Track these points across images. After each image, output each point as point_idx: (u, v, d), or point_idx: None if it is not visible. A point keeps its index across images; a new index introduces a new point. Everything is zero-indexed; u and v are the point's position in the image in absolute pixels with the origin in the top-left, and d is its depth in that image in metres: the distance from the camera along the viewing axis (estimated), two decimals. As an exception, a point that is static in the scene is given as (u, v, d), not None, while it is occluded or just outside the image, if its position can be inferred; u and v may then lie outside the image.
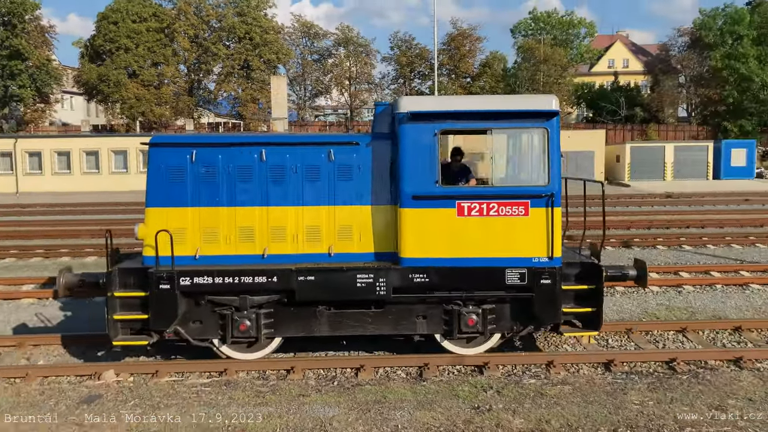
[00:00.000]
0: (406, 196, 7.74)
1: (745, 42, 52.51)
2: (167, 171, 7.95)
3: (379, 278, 7.83)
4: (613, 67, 78.44)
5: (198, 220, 7.98)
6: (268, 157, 8.00)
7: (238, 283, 7.79)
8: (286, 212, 8.03)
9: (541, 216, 7.76)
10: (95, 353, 9.05)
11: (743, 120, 52.26)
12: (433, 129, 7.74)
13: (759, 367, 8.04)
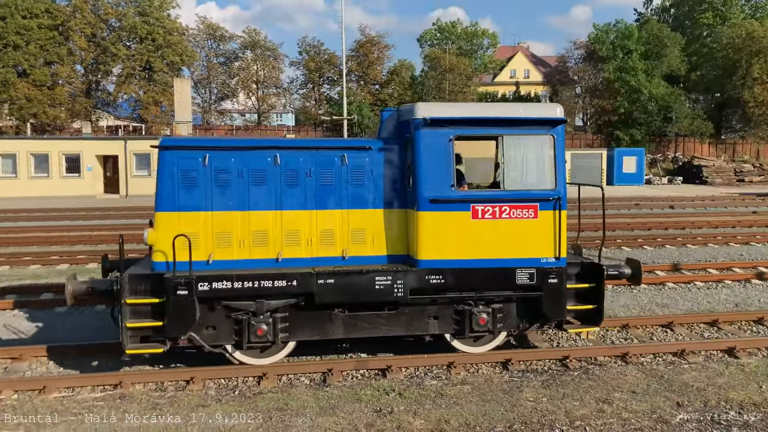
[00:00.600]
0: (423, 200, 7.94)
1: (634, 56, 55.88)
2: (179, 174, 7.82)
3: (397, 280, 7.96)
4: (515, 77, 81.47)
5: (211, 224, 7.89)
6: (282, 160, 8.03)
7: (258, 287, 7.70)
8: (300, 216, 8.11)
9: (549, 218, 8.18)
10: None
11: (633, 129, 55.55)
12: (449, 134, 8.01)
13: (642, 362, 8.57)
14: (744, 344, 8.97)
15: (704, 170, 48.51)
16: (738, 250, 17.22)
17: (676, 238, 19.03)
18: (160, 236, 7.72)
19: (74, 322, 10.52)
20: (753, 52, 55.24)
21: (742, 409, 6.91)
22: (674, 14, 69.38)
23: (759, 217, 25.30)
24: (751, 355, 8.78)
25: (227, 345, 8.07)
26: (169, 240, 7.56)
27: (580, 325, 8.73)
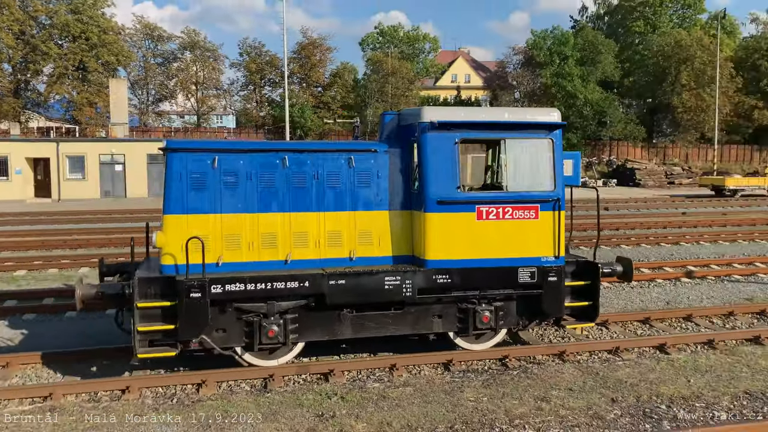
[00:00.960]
0: (430, 201, 8.09)
1: (570, 62, 57.54)
2: (188, 177, 7.74)
3: (406, 280, 8.09)
4: (456, 81, 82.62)
5: (220, 226, 7.85)
6: (290, 163, 8.07)
7: (270, 289, 7.72)
8: (308, 218, 8.16)
9: (549, 219, 8.47)
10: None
11: (570, 133, 57.11)
12: (454, 138, 8.20)
13: (579, 360, 8.79)
14: (674, 340, 9.31)
15: (637, 173, 50.33)
16: (669, 250, 17.90)
17: (611, 238, 19.65)
18: (169, 239, 7.66)
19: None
20: (681, 60, 57.71)
21: (672, 403, 7.17)
22: (608, 22, 71.76)
23: (688, 218, 26.39)
24: (681, 351, 9.11)
25: (237, 347, 8.03)
26: (177, 243, 7.54)
27: (575, 322, 9.00)
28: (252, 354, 8.08)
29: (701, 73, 56.50)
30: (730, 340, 9.49)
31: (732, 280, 13.97)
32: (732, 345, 9.32)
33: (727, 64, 57.16)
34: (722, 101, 54.49)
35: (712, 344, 9.27)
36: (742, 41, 68.55)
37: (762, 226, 23.62)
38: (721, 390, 7.54)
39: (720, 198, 38.07)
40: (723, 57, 55.97)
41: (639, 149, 59.66)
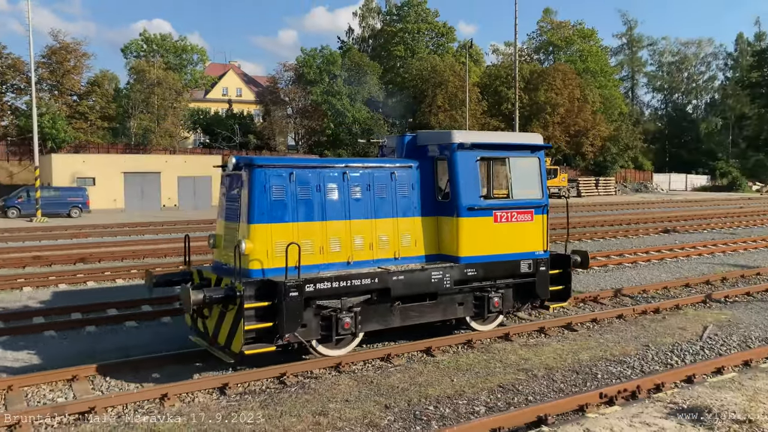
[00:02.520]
0: (462, 208, 9.74)
1: (339, 81, 59.76)
2: (271, 190, 8.65)
3: (446, 274, 9.58)
4: (228, 95, 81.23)
5: (297, 233, 8.77)
6: (349, 176, 9.29)
7: (348, 286, 8.73)
8: (364, 224, 9.41)
9: (540, 221, 10.51)
10: None
11: (341, 149, 59.29)
12: (476, 156, 9.97)
13: (354, 370, 9.02)
14: (439, 343, 9.99)
15: (402, 187, 53.78)
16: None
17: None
18: (256, 246, 8.48)
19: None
20: (437, 84, 63.08)
21: (438, 403, 7.67)
22: (372, 45, 75.99)
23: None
24: (445, 353, 9.81)
25: (313, 340, 8.83)
26: (263, 249, 8.53)
27: (553, 303, 10.89)
28: (324, 346, 9.03)
29: (454, 96, 62.32)
30: (485, 339, 10.44)
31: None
32: (487, 343, 10.26)
33: (474, 89, 63.74)
34: (471, 122, 60.54)
35: (470, 344, 10.12)
36: (486, 69, 77.00)
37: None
38: (479, 386, 8.25)
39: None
40: (471, 82, 62.28)
41: (403, 165, 63.79)
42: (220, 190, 9.75)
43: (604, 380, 8.52)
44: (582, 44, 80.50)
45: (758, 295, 13.82)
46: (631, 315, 11.99)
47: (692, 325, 11.29)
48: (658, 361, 9.36)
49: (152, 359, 9.23)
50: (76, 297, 13.65)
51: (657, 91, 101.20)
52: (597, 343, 10.22)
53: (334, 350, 9.12)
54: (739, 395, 6.23)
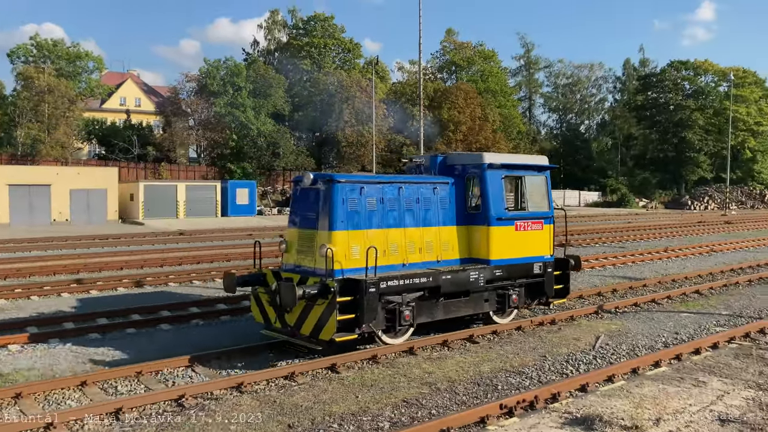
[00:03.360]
0: (492, 218, 11.47)
1: (243, 93, 58.78)
2: (347, 202, 10.07)
3: (481, 274, 11.25)
4: (126, 104, 78.04)
5: (367, 239, 10.16)
6: (404, 191, 10.88)
7: (409, 284, 10.22)
8: (415, 232, 11.01)
9: (548, 230, 12.45)
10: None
11: (245, 163, 58.21)
12: (501, 174, 11.76)
13: (257, 389, 8.79)
14: (343, 359, 9.91)
15: (308, 201, 53.43)
16: (337, 274, 19.21)
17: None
18: (337, 250, 9.82)
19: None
20: (343, 99, 63.36)
21: (343, 421, 7.59)
22: (279, 58, 75.35)
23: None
24: (350, 369, 9.75)
25: (379, 330, 10.27)
26: (342, 252, 9.93)
27: (555, 299, 12.93)
28: (388, 335, 10.51)
29: (360, 111, 62.79)
30: (390, 353, 10.47)
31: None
32: (392, 357, 10.30)
33: (381, 105, 64.50)
34: (378, 138, 61.19)
35: (375, 359, 10.12)
36: (391, 86, 78.18)
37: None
38: (384, 401, 8.25)
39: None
40: (377, 99, 63.00)
41: (310, 179, 63.46)
42: (291, 203, 11.21)
43: (504, 391, 8.74)
44: (483, 65, 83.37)
45: (645, 305, 14.68)
46: (530, 327, 12.41)
47: (586, 335, 11.83)
48: (555, 371, 9.71)
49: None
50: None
51: (553, 112, 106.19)
52: (497, 355, 10.49)
53: (394, 339, 10.61)
54: (627, 402, 6.55)
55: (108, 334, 11.71)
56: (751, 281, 18.06)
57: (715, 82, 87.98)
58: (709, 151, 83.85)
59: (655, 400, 6.60)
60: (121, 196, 44.17)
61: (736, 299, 15.44)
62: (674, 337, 11.77)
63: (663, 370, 8.29)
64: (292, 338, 10.44)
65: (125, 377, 9.18)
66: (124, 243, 28.48)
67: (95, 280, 17.15)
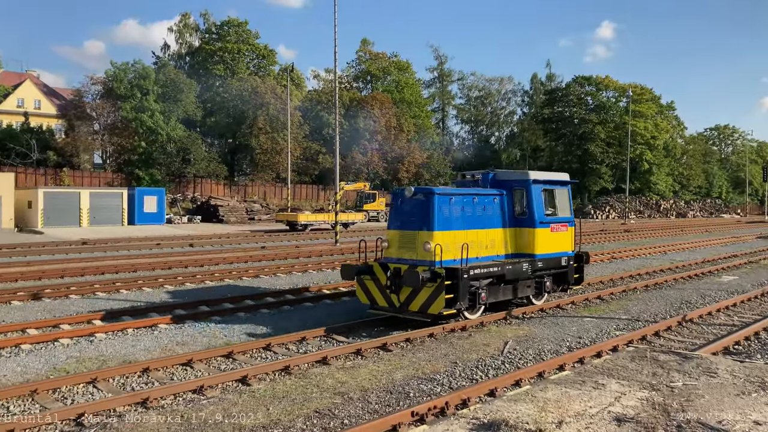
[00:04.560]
0: (537, 222, 14.40)
1: (151, 98, 56.87)
2: (443, 209, 13.01)
3: (529, 266, 14.20)
4: (24, 106, 73.83)
5: (454, 238, 13.06)
6: (477, 200, 13.81)
7: (487, 272, 13.19)
8: (484, 232, 13.85)
9: (571, 231, 15.67)
10: None
11: (154, 169, 56.26)
12: (540, 188, 14.72)
13: (164, 405, 8.48)
14: (255, 371, 9.74)
15: (220, 209, 52.27)
16: (250, 283, 18.88)
17: (196, 275, 19.80)
18: (436, 245, 12.53)
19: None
20: (258, 105, 62.52)
21: (253, 434, 7.43)
22: (190, 62, 73.51)
23: (267, 251, 28.40)
24: (261, 381, 9.57)
25: (463, 308, 12.92)
26: (439, 247, 12.54)
27: (574, 286, 16.10)
28: (469, 312, 13.33)
29: (275, 118, 62.15)
30: (303, 363, 10.38)
31: (304, 307, 15.41)
32: (305, 368, 10.20)
33: (296, 113, 64.10)
34: (293, 145, 60.75)
35: (288, 370, 9.99)
36: (307, 93, 77.88)
37: (327, 256, 26.88)
38: (296, 413, 8.14)
39: (294, 232, 42.11)
40: (293, 106, 62.57)
41: (222, 186, 62.15)
42: (392, 209, 13.99)
43: (416, 398, 8.83)
44: (398, 75, 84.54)
45: (550, 311, 15.25)
46: (441, 333, 12.61)
47: (495, 340, 12.14)
48: (465, 376, 9.91)
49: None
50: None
51: (465, 123, 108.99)
52: (410, 362, 10.59)
53: (472, 315, 13.41)
54: (531, 406, 6.76)
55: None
56: (648, 287, 19.13)
57: (615, 98, 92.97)
58: (610, 162, 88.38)
59: (558, 404, 6.86)
60: (18, 204, 41.71)
61: (634, 304, 16.30)
62: (578, 342, 12.27)
63: (566, 374, 8.63)
64: (400, 314, 13.08)
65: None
66: (19, 253, 26.87)
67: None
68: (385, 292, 13.10)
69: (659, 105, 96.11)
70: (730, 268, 24.51)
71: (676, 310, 15.62)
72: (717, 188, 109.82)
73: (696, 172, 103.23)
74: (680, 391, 7.44)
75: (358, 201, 58.83)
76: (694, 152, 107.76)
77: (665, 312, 15.30)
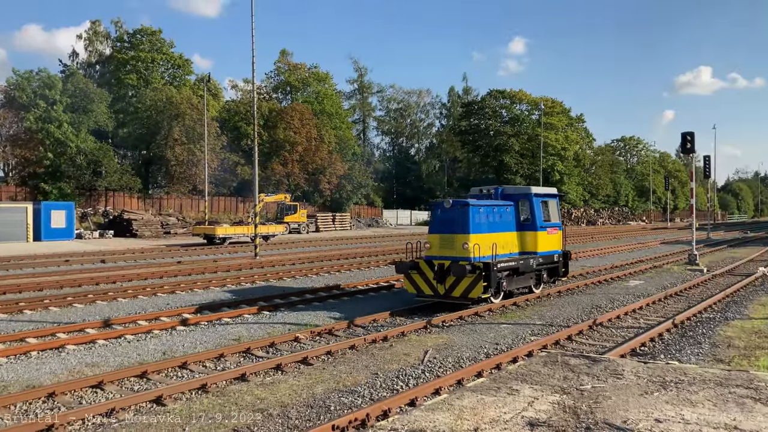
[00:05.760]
0: (538, 226, 18.18)
1: (58, 107, 54.37)
2: (475, 217, 16.41)
3: (534, 261, 17.86)
4: None
5: (484, 239, 16.43)
6: (496, 209, 17.33)
7: (508, 266, 16.81)
8: (501, 235, 17.18)
9: (560, 234, 19.36)
10: None
11: (62, 182, 53.70)
12: (540, 200, 18.51)
13: (70, 430, 8.08)
14: (170, 391, 9.43)
15: (134, 223, 50.40)
16: (165, 300, 18.30)
17: (108, 292, 19.01)
18: (472, 244, 15.97)
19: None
20: (173, 116, 60.90)
21: (168, 457, 7.18)
22: (101, 71, 70.85)
23: (183, 266, 27.61)
24: (177, 400, 9.29)
25: (491, 294, 16.35)
26: (474, 246, 15.99)
27: (561, 278, 20.23)
28: (494, 297, 16.70)
29: (191, 129, 60.68)
30: (221, 381, 10.14)
31: (222, 323, 15.09)
32: (223, 386, 9.97)
33: (213, 123, 62.83)
34: (210, 157, 59.46)
35: (205, 388, 9.74)
36: (225, 104, 76.53)
37: (246, 270, 26.43)
38: (213, 431, 7.95)
39: (212, 246, 41.14)
40: (210, 116, 61.31)
41: (136, 200, 60.03)
42: (432, 217, 17.60)
43: (337, 412, 8.79)
44: (318, 86, 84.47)
45: (469, 318, 15.58)
46: (363, 344, 12.63)
47: (415, 350, 12.28)
48: (386, 387, 9.96)
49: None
50: None
51: (385, 135, 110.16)
52: (331, 375, 10.55)
53: (496, 300, 16.84)
54: (448, 415, 6.88)
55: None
56: (561, 292, 19.87)
57: (528, 111, 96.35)
58: (524, 173, 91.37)
59: (474, 411, 7.01)
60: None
61: (548, 309, 16.89)
62: (495, 348, 12.59)
63: (483, 381, 8.82)
64: (444, 299, 16.18)
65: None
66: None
67: None
68: (431, 282, 16.27)
69: (569, 117, 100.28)
70: (637, 273, 25.82)
71: (587, 314, 16.30)
72: (624, 197, 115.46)
73: (604, 181, 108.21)
74: (589, 394, 7.76)
75: (278, 213, 58.19)
76: (603, 162, 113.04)
77: (577, 317, 15.93)
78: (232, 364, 11.49)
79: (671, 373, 8.85)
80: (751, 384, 8.28)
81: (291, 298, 18.67)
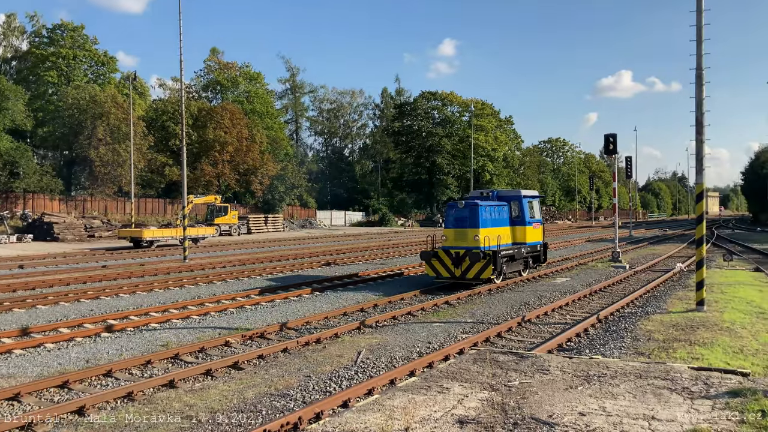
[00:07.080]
0: (527, 222, 22.78)
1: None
2: (483, 214, 20.35)
3: (525, 250, 22.80)
4: None
5: (490, 232, 20.46)
6: (497, 208, 21.54)
7: (508, 253, 21.32)
8: (500, 229, 21.36)
9: (541, 228, 24.43)
10: None
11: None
12: (527, 200, 23.18)
13: (-16, 446, 7.66)
14: (93, 401, 9.07)
15: (56, 227, 48.27)
16: (89, 306, 17.61)
17: (26, 300, 18.15)
18: (482, 237, 20.00)
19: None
20: (97, 115, 58.71)
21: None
22: (17, 67, 67.57)
23: (108, 271, 26.64)
24: (101, 410, 8.95)
25: (496, 275, 20.51)
26: (483, 238, 20.05)
27: (541, 265, 25.27)
28: (497, 278, 20.81)
29: (117, 129, 58.67)
30: (148, 388, 9.84)
31: (149, 329, 14.64)
32: (150, 393, 9.68)
33: (140, 123, 60.93)
34: (137, 157, 57.66)
35: (131, 396, 9.43)
36: (152, 103, 74.35)
37: (175, 273, 25.76)
38: (139, 442, 7.69)
39: (138, 249, 39.87)
40: (136, 116, 59.43)
41: (57, 202, 57.51)
42: (448, 213, 21.35)
43: (268, 416, 8.68)
44: (249, 86, 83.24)
45: (402, 318, 15.69)
46: (295, 347, 12.53)
47: (348, 351, 12.27)
48: (319, 389, 9.91)
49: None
50: None
51: (319, 135, 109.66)
52: (262, 380, 10.41)
53: (498, 280, 20.78)
54: (379, 415, 6.91)
55: None
56: (491, 290, 20.30)
57: (459, 112, 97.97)
58: (456, 173, 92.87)
59: (405, 410, 7.06)
60: None
61: (478, 307, 17.22)
62: (427, 347, 12.72)
63: (414, 380, 8.90)
64: (460, 280, 20.09)
65: None
66: None
67: None
68: (449, 267, 20.23)
69: (498, 119, 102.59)
70: (563, 270, 26.67)
71: (516, 311, 16.71)
72: (551, 196, 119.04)
73: (532, 181, 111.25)
74: (517, 390, 7.96)
75: (208, 215, 56.98)
76: (531, 163, 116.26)
77: (507, 314, 16.31)
78: (160, 370, 11.17)
79: (595, 368, 9.18)
80: (668, 375, 8.68)
81: (221, 301, 18.32)
